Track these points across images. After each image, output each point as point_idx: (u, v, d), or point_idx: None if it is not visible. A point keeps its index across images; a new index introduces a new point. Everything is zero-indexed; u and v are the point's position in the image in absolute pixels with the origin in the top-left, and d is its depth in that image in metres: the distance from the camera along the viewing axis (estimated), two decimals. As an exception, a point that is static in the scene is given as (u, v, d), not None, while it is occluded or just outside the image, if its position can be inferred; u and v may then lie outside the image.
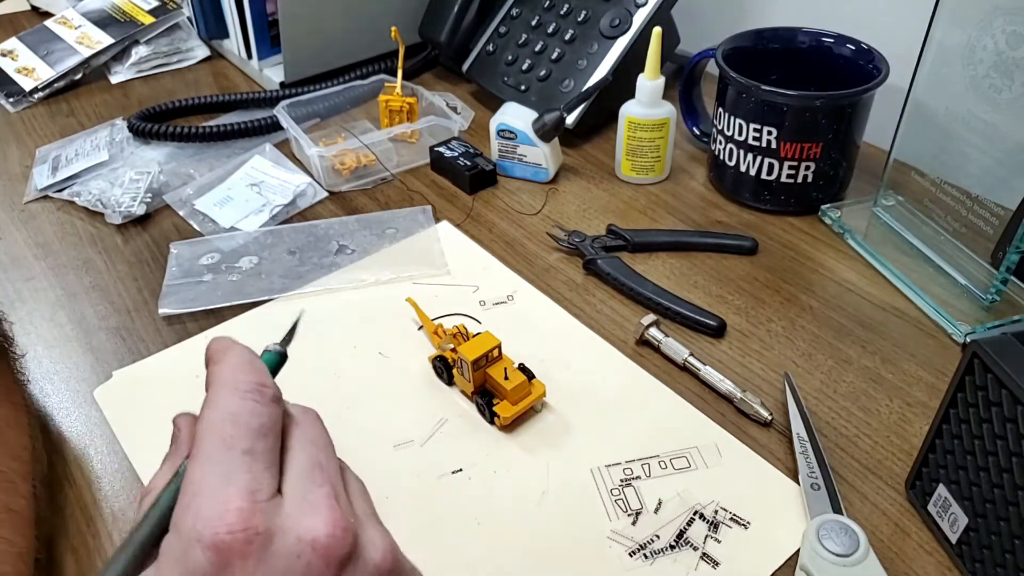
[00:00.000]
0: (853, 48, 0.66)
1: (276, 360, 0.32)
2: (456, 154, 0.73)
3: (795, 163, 0.64)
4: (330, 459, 0.29)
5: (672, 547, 0.43)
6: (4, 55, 0.96)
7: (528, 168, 0.73)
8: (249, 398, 0.27)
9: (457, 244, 0.65)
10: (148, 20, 0.96)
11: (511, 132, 0.71)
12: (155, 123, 0.78)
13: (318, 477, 0.27)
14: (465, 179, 0.72)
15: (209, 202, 0.71)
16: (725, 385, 0.51)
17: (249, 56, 0.91)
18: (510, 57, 0.81)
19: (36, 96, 0.90)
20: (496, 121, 0.72)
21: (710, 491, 0.45)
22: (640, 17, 0.74)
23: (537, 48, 0.79)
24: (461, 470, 0.47)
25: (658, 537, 0.43)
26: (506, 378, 0.49)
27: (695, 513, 0.44)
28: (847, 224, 0.64)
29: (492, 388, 0.50)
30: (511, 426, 0.49)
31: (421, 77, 0.91)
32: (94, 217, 0.71)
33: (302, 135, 0.72)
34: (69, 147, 0.79)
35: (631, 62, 0.73)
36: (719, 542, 0.43)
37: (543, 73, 0.77)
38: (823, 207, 0.66)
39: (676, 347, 0.54)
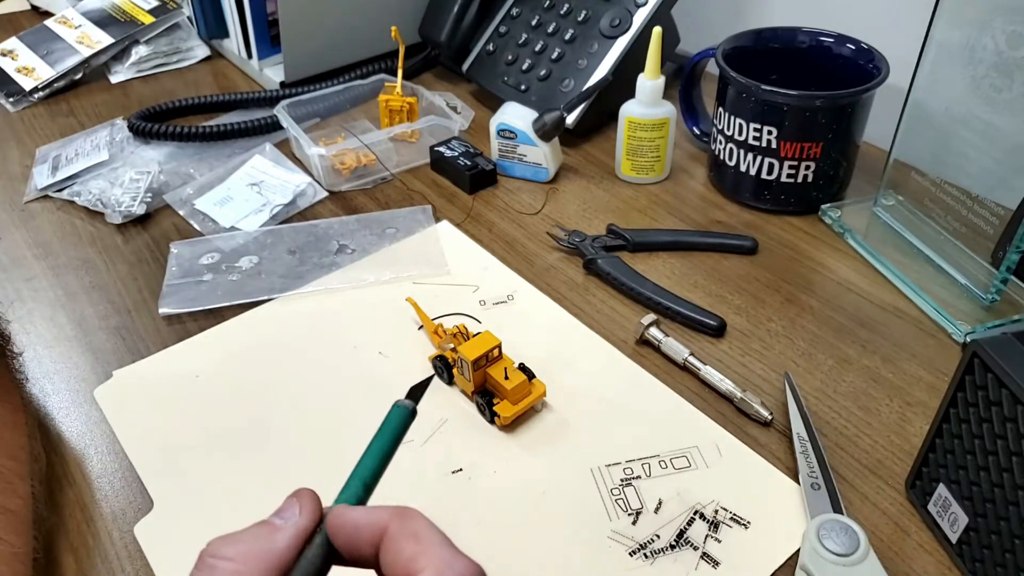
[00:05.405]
0: (853, 48, 0.66)
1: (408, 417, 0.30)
2: (456, 154, 0.73)
3: (795, 163, 0.64)
4: None
5: (672, 547, 0.42)
6: (4, 55, 0.96)
7: (528, 168, 0.73)
8: None
9: (457, 244, 0.65)
10: (148, 20, 0.96)
11: (511, 132, 0.71)
12: (155, 123, 0.78)
13: None
14: (465, 179, 0.71)
15: (209, 202, 0.71)
16: (725, 385, 0.51)
17: (249, 56, 0.91)
18: (510, 57, 0.81)
19: (36, 96, 0.90)
20: (496, 121, 0.72)
21: (710, 491, 0.45)
22: (640, 17, 0.74)
23: (537, 48, 0.79)
24: (461, 470, 0.47)
25: (658, 537, 0.43)
26: (506, 378, 0.49)
27: (695, 513, 0.44)
28: (847, 224, 0.64)
29: (492, 388, 0.50)
30: (511, 426, 0.49)
31: (421, 77, 0.91)
32: (94, 217, 0.71)
33: (302, 135, 0.72)
34: (69, 147, 0.79)
35: (631, 62, 0.72)
36: (719, 542, 0.43)
37: (543, 73, 0.77)
38: (823, 207, 0.66)
39: (676, 347, 0.54)
